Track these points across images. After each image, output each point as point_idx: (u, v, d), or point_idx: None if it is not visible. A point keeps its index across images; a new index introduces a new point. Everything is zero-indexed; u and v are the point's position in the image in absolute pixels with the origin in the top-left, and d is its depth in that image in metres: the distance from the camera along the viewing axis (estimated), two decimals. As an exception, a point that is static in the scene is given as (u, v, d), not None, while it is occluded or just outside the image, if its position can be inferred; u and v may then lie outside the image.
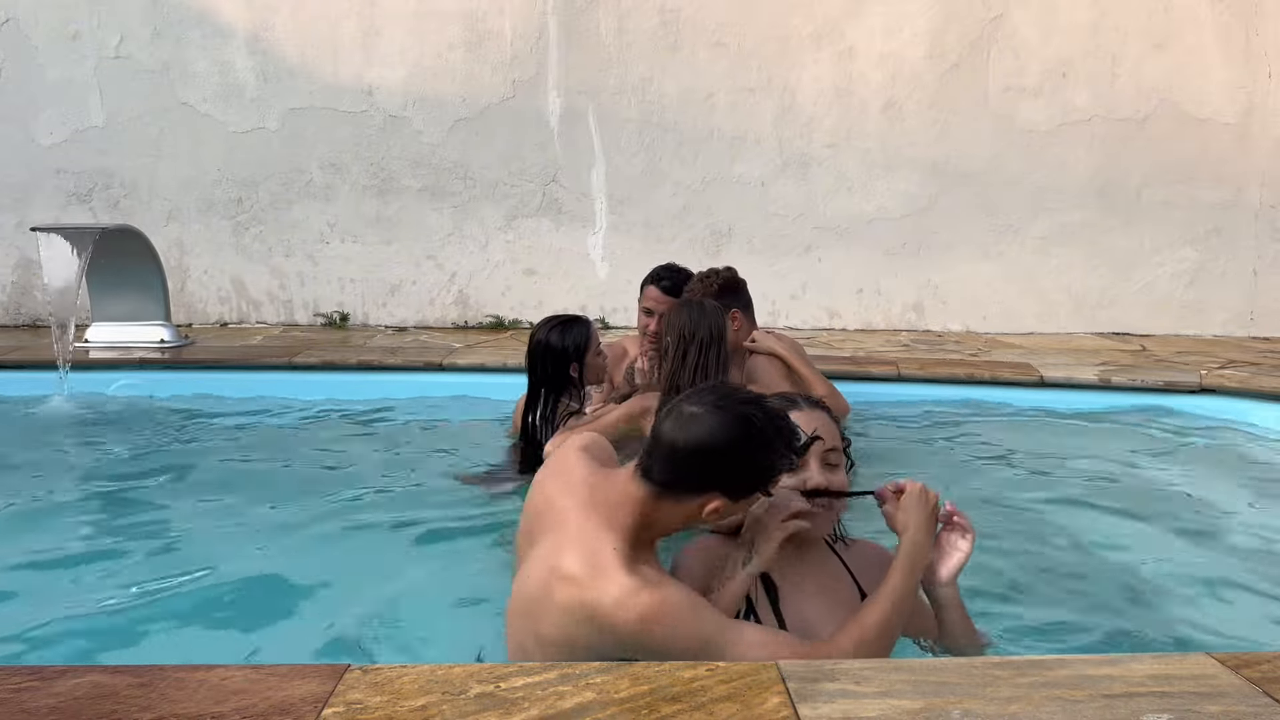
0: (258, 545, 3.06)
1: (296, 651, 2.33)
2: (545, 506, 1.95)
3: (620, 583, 1.71)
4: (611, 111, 6.77)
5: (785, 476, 1.95)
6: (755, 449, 1.77)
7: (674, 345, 3.17)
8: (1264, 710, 1.50)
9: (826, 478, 2.01)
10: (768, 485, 1.82)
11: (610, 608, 1.70)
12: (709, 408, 1.78)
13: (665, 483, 1.79)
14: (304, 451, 4.22)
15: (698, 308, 3.25)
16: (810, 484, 1.99)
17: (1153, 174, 6.80)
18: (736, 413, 1.77)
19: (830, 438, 2.04)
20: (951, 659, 1.84)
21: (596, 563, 1.75)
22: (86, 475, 3.86)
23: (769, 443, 1.78)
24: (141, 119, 6.71)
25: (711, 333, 3.17)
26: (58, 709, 1.45)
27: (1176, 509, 3.58)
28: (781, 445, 1.79)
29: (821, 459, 2.01)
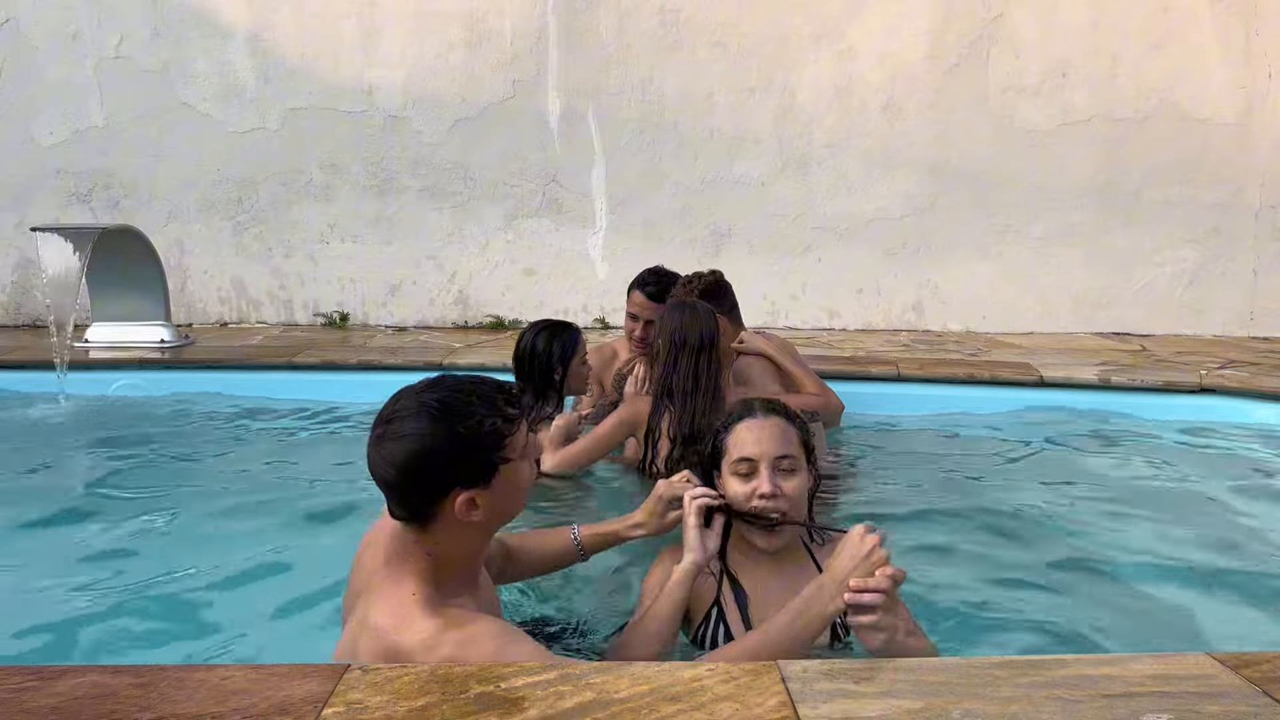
0: (258, 545, 3.06)
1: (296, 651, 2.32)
2: (359, 567, 1.90)
3: (423, 626, 1.63)
4: (611, 111, 6.77)
5: (736, 484, 2.05)
6: (454, 426, 1.63)
7: (665, 349, 3.17)
8: (1264, 710, 1.50)
9: (777, 484, 2.02)
10: (498, 452, 1.67)
11: (417, 652, 1.62)
12: (390, 425, 1.65)
13: (409, 514, 1.68)
14: (304, 452, 4.22)
15: (690, 310, 3.24)
16: (759, 491, 2.01)
17: (1153, 174, 6.80)
18: (413, 409, 1.64)
19: (782, 445, 2.06)
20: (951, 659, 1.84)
21: (399, 611, 1.67)
22: (86, 475, 3.86)
23: (466, 412, 1.64)
24: (141, 119, 6.71)
25: (703, 338, 3.16)
26: (58, 709, 1.45)
27: (1176, 509, 3.58)
28: (482, 407, 1.66)
29: (772, 466, 2.04)
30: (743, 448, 2.07)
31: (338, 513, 3.36)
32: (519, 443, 1.71)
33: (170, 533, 3.18)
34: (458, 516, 1.67)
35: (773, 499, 2.02)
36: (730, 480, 2.08)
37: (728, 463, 2.09)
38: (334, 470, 3.86)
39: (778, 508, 2.03)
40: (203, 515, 3.34)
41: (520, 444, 1.72)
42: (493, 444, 1.67)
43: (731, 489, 2.07)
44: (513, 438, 1.70)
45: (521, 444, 1.72)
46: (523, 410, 1.74)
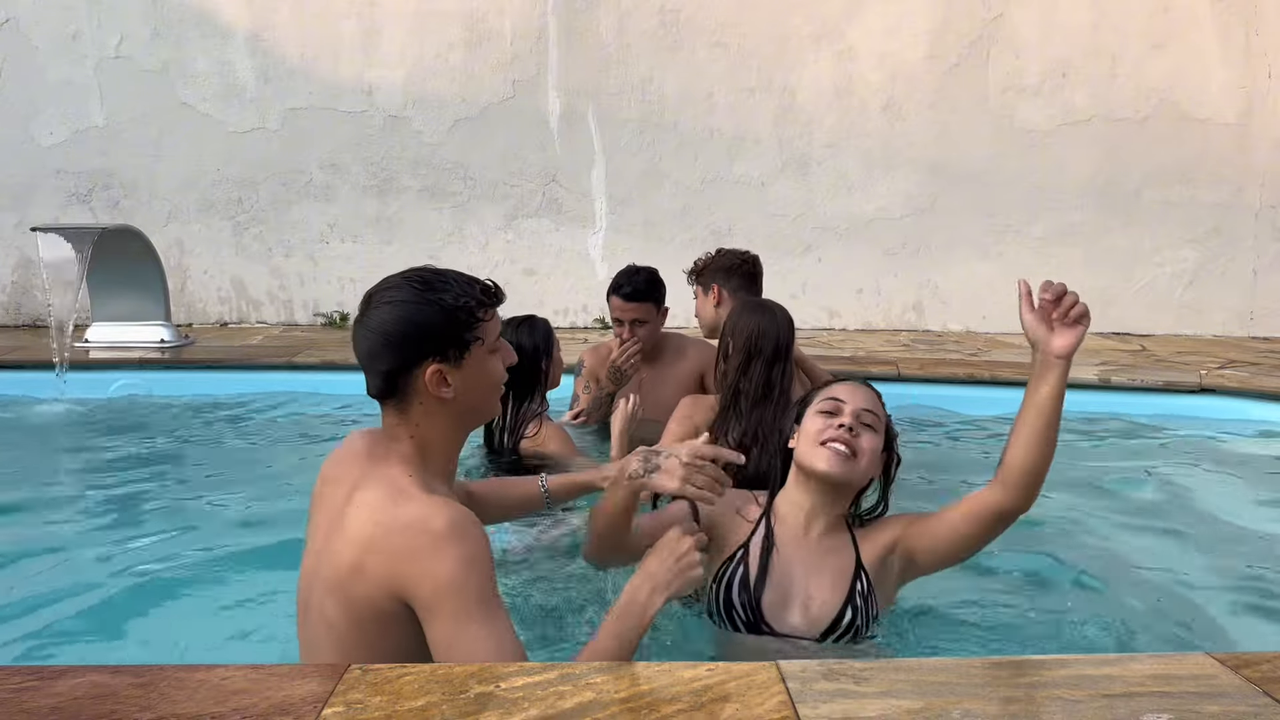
0: (258, 545, 3.06)
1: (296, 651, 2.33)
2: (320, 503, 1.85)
3: (422, 500, 1.63)
4: (611, 111, 6.77)
5: (817, 418, 2.07)
6: (431, 297, 1.70)
7: (741, 354, 2.91)
8: (1264, 710, 1.50)
9: (858, 427, 2.05)
10: (471, 330, 1.72)
11: (415, 524, 1.59)
12: (374, 297, 1.74)
13: (386, 386, 1.72)
14: (304, 451, 4.21)
15: (771, 316, 2.99)
16: (840, 421, 2.04)
17: (1153, 174, 6.80)
18: (396, 283, 1.74)
19: (871, 403, 2.11)
20: (951, 659, 1.84)
21: (394, 489, 1.66)
22: (86, 475, 3.86)
23: (443, 287, 1.72)
24: (141, 119, 6.71)
25: (779, 346, 2.92)
26: (58, 709, 1.45)
27: (1176, 509, 3.58)
28: (459, 286, 1.73)
29: (856, 414, 2.06)
30: (833, 392, 2.13)
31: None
32: (491, 330, 1.77)
33: (170, 532, 3.18)
34: (430, 391, 1.71)
35: (849, 433, 2.03)
36: (811, 419, 2.09)
37: (813, 405, 2.11)
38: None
39: (852, 444, 2.02)
40: (202, 515, 3.34)
41: (492, 334, 1.77)
42: (466, 320, 1.72)
43: (809, 426, 2.08)
44: (486, 323, 1.75)
45: (493, 335, 1.77)
46: (495, 301, 1.79)
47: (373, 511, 1.65)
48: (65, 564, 2.88)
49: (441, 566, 1.57)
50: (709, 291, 3.58)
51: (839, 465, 2.02)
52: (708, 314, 3.60)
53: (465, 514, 1.63)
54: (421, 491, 1.66)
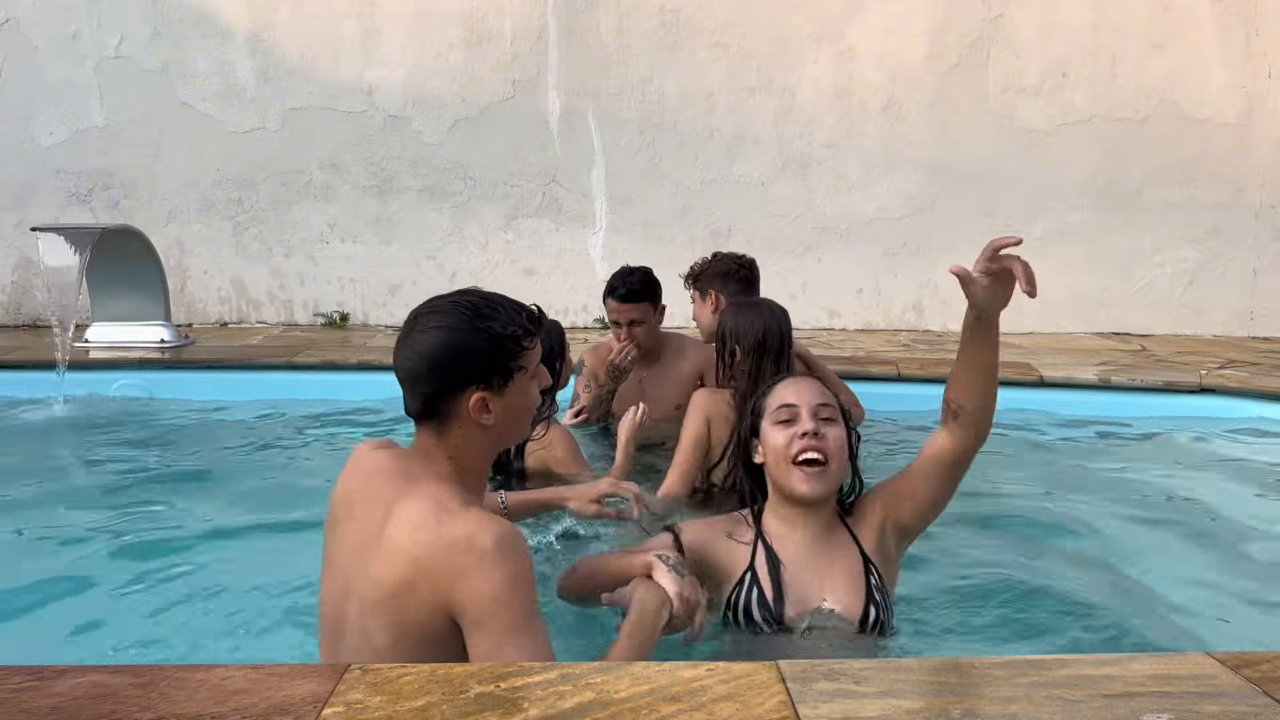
0: (258, 545, 3.06)
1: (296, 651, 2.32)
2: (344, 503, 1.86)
3: (469, 516, 1.64)
4: (611, 111, 6.77)
5: (777, 434, 2.06)
6: (481, 325, 1.71)
7: (747, 357, 2.95)
8: (1264, 710, 1.50)
9: (820, 427, 2.05)
10: (516, 359, 1.74)
11: (461, 541, 1.61)
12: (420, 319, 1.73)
13: (428, 409, 1.73)
14: (304, 451, 4.22)
15: (770, 313, 3.03)
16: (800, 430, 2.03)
17: (1153, 174, 6.80)
18: (444, 308, 1.73)
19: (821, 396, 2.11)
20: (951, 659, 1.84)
21: (440, 506, 1.66)
22: (86, 475, 3.86)
23: (493, 315, 1.72)
24: (141, 119, 6.71)
25: (784, 340, 2.97)
26: (58, 709, 1.45)
27: (1176, 509, 3.58)
28: (507, 314, 1.74)
29: (813, 412, 2.07)
30: (782, 397, 2.11)
31: (338, 513, 3.35)
32: (533, 359, 1.78)
33: (170, 532, 3.18)
34: (472, 417, 1.72)
35: (815, 438, 2.03)
36: (771, 433, 2.09)
37: (768, 417, 2.11)
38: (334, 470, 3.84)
39: (820, 448, 2.03)
40: (203, 515, 3.34)
41: (533, 362, 1.79)
42: (513, 349, 1.73)
43: (772, 441, 2.08)
44: (529, 351, 1.77)
45: (534, 363, 1.79)
46: (540, 328, 1.81)
47: (416, 530, 1.65)
48: (65, 564, 2.88)
49: (489, 584, 1.59)
50: (706, 297, 3.57)
51: (818, 485, 2.04)
52: (706, 320, 3.57)
53: (511, 530, 1.65)
54: (464, 508, 1.66)
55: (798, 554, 2.09)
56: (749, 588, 2.07)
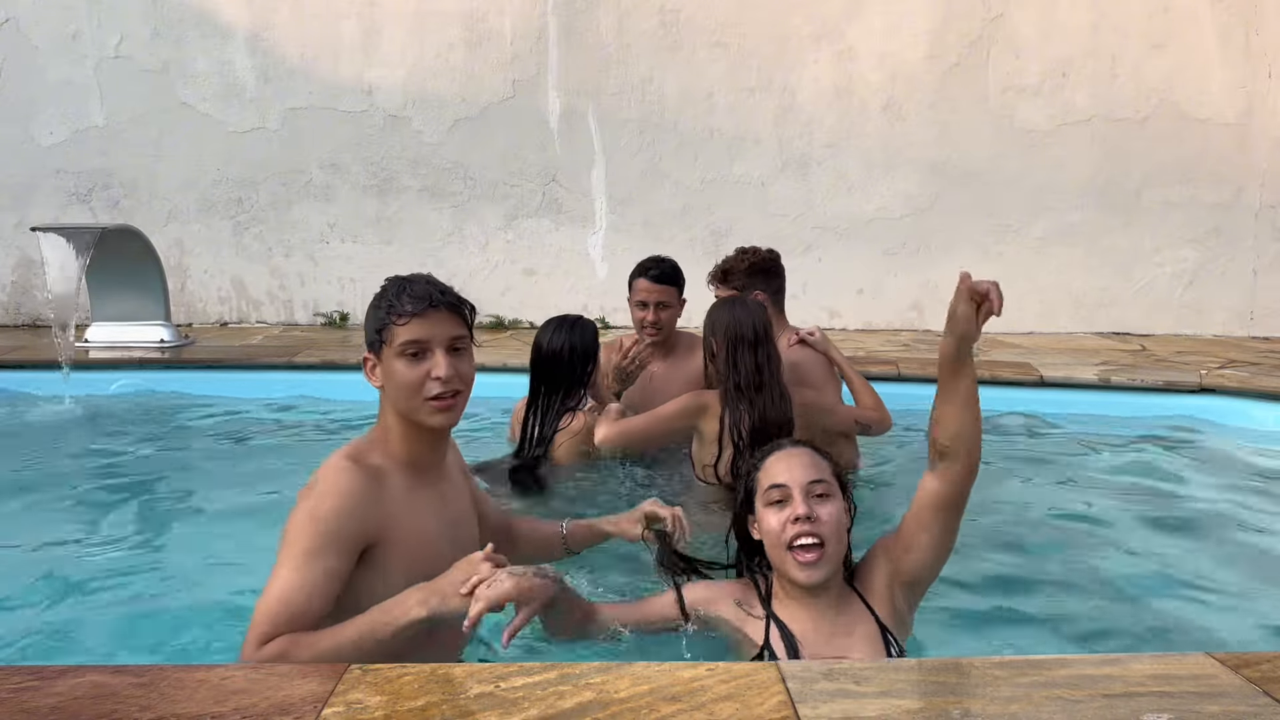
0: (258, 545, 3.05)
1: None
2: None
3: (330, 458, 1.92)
4: (611, 111, 6.77)
5: (770, 514, 2.00)
6: (370, 305, 2.00)
7: (723, 348, 3.07)
8: (1264, 710, 1.50)
9: (812, 508, 1.96)
10: (378, 331, 1.93)
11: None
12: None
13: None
14: (303, 451, 4.21)
15: (743, 306, 3.15)
16: (792, 515, 1.96)
17: (1153, 174, 6.80)
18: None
19: (814, 471, 2.02)
20: (951, 659, 1.84)
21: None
22: (86, 475, 3.86)
23: (379, 293, 1.99)
24: (141, 119, 6.71)
25: (758, 331, 3.07)
26: (58, 709, 1.45)
27: (1176, 509, 3.58)
28: (390, 290, 1.98)
29: (805, 491, 1.98)
30: (773, 476, 2.03)
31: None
32: (397, 335, 1.91)
33: (170, 532, 3.18)
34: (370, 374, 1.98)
35: (808, 521, 1.95)
36: (765, 515, 2.02)
37: (760, 496, 2.05)
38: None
39: (815, 532, 1.95)
40: (202, 515, 3.34)
41: (397, 339, 1.91)
42: (380, 327, 1.94)
43: (767, 525, 2.01)
44: (394, 327, 1.91)
45: (398, 340, 1.90)
46: (410, 314, 1.93)
47: None
48: (65, 564, 2.88)
49: (291, 515, 1.84)
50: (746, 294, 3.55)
51: (815, 573, 1.97)
52: None
53: (332, 468, 1.87)
54: (336, 453, 1.92)
55: (815, 628, 2.01)
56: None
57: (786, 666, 1.62)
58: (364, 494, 1.83)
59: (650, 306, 3.64)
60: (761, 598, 2.08)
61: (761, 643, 2.02)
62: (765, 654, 1.99)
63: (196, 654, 2.31)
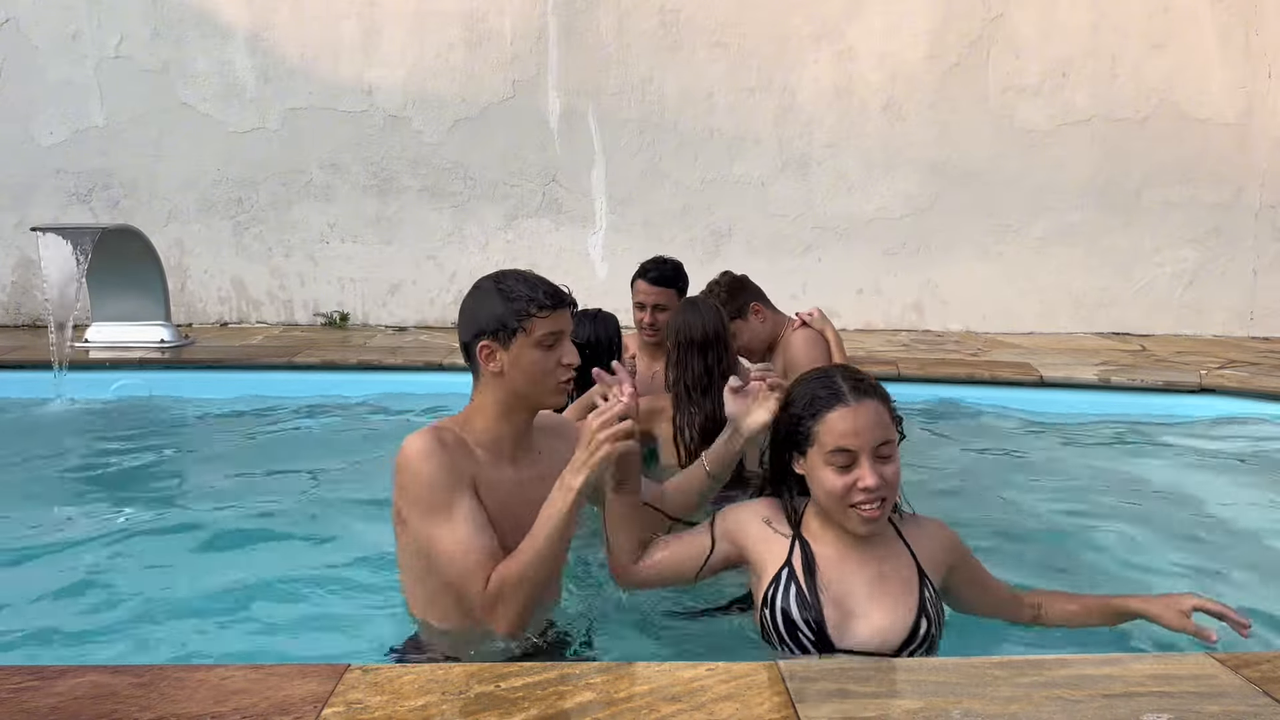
0: (257, 545, 3.06)
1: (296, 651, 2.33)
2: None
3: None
4: (611, 111, 6.77)
5: (831, 475, 1.89)
6: (489, 291, 2.09)
7: (674, 349, 3.17)
8: (1264, 710, 1.50)
9: (880, 473, 1.87)
10: (517, 321, 2.04)
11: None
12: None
13: (464, 357, 2.14)
14: (303, 451, 4.21)
15: (694, 308, 3.25)
16: (861, 484, 1.86)
17: (1153, 174, 6.80)
18: (486, 279, 2.15)
19: (880, 431, 1.89)
20: (951, 659, 1.84)
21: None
22: (86, 475, 3.86)
23: (502, 287, 2.08)
24: (141, 119, 6.70)
25: (707, 332, 3.16)
26: (58, 709, 1.45)
27: (1176, 509, 3.58)
28: (519, 285, 2.08)
29: (873, 455, 1.88)
30: (839, 438, 1.88)
31: (337, 512, 3.36)
32: (537, 327, 2.04)
33: (170, 532, 3.18)
34: (482, 361, 2.08)
35: (877, 490, 1.86)
36: (824, 470, 1.90)
37: (819, 453, 1.90)
38: (333, 469, 3.86)
39: (882, 495, 1.88)
40: (202, 515, 3.34)
41: (538, 330, 2.04)
42: (517, 313, 2.04)
43: (828, 481, 1.89)
44: (535, 319, 2.04)
45: (539, 331, 2.04)
46: (555, 310, 2.07)
47: None
48: (65, 564, 2.88)
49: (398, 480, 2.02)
50: (750, 314, 3.72)
51: (875, 526, 1.92)
52: (763, 333, 3.76)
53: (413, 442, 2.00)
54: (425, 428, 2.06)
55: (844, 556, 1.96)
56: (787, 583, 1.95)
57: (787, 666, 1.62)
58: (445, 449, 2.01)
59: (648, 308, 3.67)
60: (790, 518, 2.03)
61: (783, 561, 1.97)
62: (784, 573, 1.95)
63: (196, 654, 2.31)
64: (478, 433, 2.09)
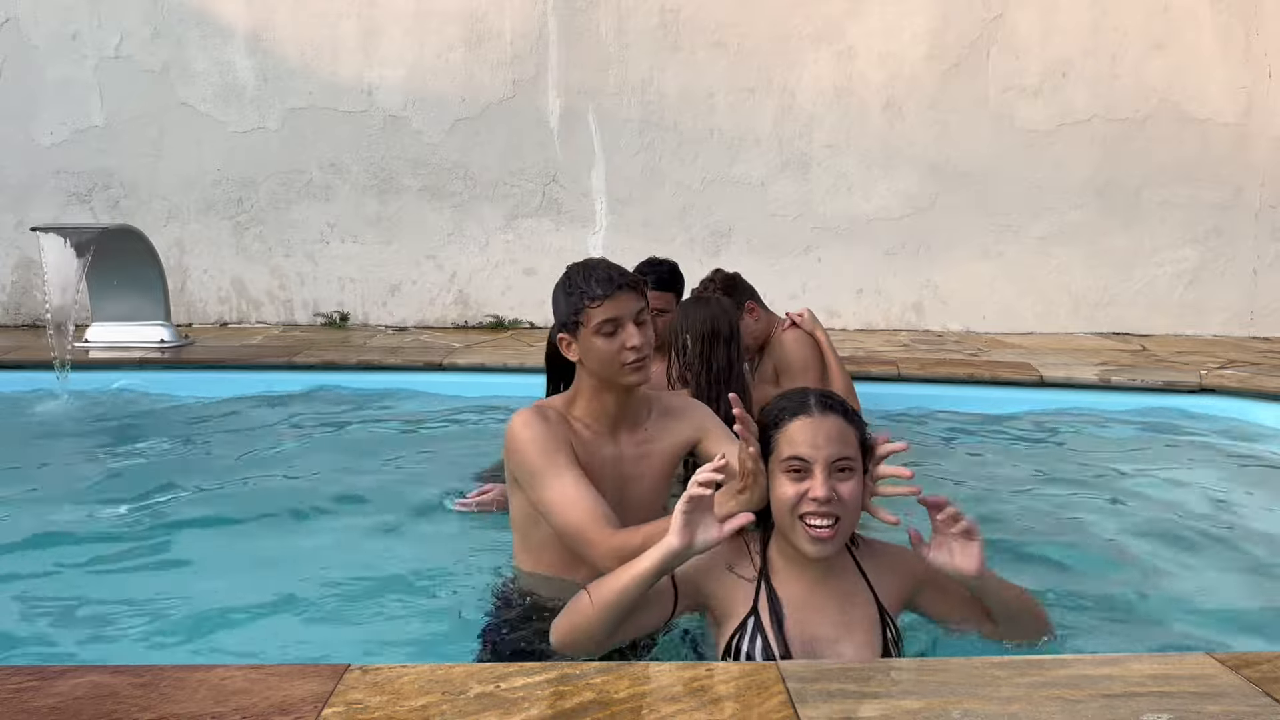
0: (257, 545, 3.06)
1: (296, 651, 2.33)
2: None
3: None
4: (611, 111, 6.77)
5: (786, 484, 1.86)
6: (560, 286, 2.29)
7: (697, 343, 3.13)
8: (1264, 710, 1.50)
9: (833, 488, 1.83)
10: (575, 315, 2.22)
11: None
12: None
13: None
14: (303, 452, 4.21)
15: (709, 304, 3.25)
16: (811, 494, 1.83)
17: (1153, 174, 6.80)
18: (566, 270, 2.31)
19: (840, 446, 1.87)
20: (951, 659, 1.84)
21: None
22: (85, 475, 3.86)
23: (568, 281, 2.26)
24: (141, 119, 6.70)
25: (732, 326, 3.18)
26: (58, 709, 1.45)
27: (1176, 509, 3.58)
28: (578, 276, 2.24)
29: (828, 468, 1.85)
30: (795, 446, 1.87)
31: (337, 512, 3.36)
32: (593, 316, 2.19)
33: (170, 532, 3.18)
34: (566, 349, 2.29)
35: (827, 504, 1.83)
36: (780, 479, 1.88)
37: (776, 460, 1.89)
38: (333, 470, 3.86)
39: (832, 512, 1.84)
40: (202, 515, 3.34)
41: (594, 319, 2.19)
42: (576, 310, 2.22)
43: (780, 490, 1.88)
44: (589, 309, 2.20)
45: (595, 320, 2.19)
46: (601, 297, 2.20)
47: None
48: (65, 564, 2.88)
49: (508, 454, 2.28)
50: (745, 312, 3.72)
51: (826, 549, 1.87)
52: (756, 331, 3.78)
53: (522, 414, 2.24)
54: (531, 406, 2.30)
55: (807, 598, 1.93)
56: (753, 634, 1.91)
57: (786, 666, 1.62)
58: (547, 422, 2.22)
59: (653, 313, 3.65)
60: (758, 549, 1.98)
61: (749, 608, 1.94)
62: (750, 621, 1.92)
63: (196, 654, 2.31)
64: (579, 411, 2.30)
